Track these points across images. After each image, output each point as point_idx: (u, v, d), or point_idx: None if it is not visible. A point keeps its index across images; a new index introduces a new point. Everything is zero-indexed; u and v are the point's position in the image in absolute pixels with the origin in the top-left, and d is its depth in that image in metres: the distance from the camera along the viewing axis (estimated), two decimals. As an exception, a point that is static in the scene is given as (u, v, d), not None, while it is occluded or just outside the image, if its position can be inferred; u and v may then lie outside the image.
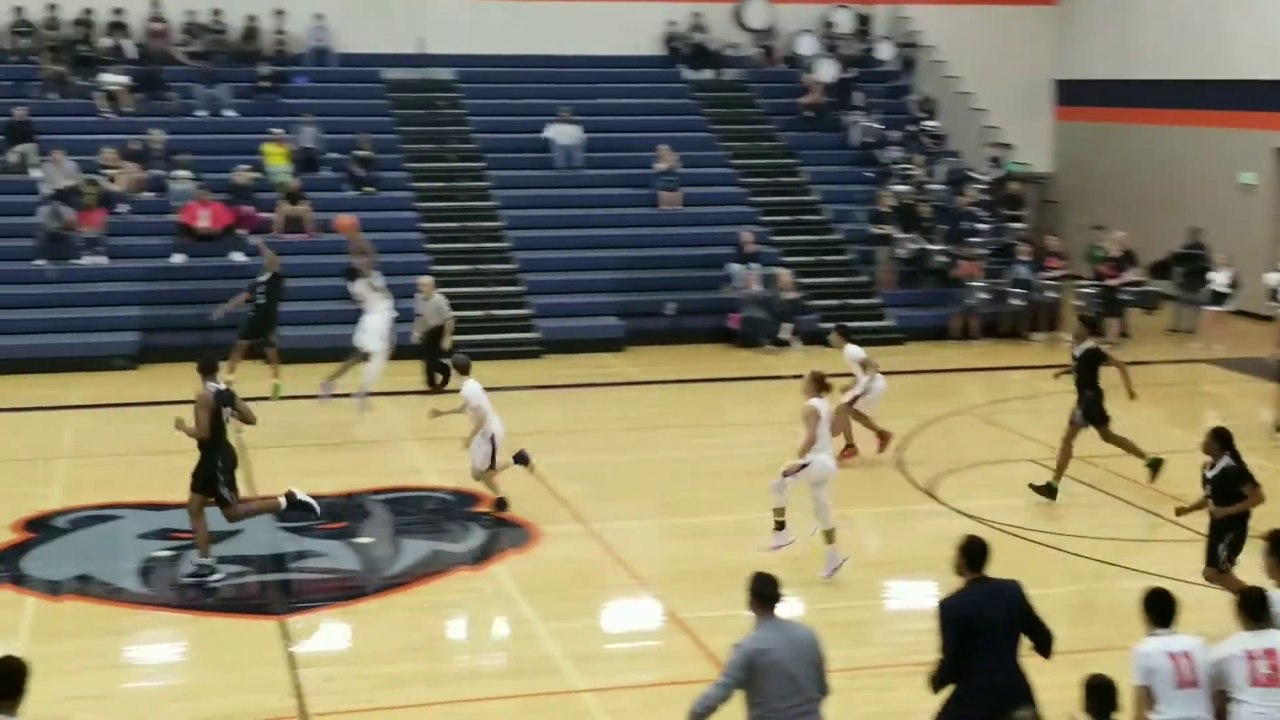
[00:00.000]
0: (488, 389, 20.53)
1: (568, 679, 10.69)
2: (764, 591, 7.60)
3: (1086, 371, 15.31)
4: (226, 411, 12.74)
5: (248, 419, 13.13)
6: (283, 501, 12.99)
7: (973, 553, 7.94)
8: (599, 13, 29.63)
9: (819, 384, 12.85)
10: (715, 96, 29.31)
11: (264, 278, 19.82)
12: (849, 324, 17.94)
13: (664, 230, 25.95)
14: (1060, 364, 16.85)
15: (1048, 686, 7.82)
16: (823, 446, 12.74)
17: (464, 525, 14.52)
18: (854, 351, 16.74)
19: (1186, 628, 7.73)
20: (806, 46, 30.14)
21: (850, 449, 16.64)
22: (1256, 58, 26.39)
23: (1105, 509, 15.14)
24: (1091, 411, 15.30)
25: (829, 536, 12.72)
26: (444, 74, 28.53)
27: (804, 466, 12.61)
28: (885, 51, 30.64)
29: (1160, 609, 7.65)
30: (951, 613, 7.81)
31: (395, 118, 27.54)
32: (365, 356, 18.69)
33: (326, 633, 11.95)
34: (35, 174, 24.59)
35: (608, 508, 15.07)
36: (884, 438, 16.85)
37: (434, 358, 20.68)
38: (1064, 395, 18.25)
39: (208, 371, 12.83)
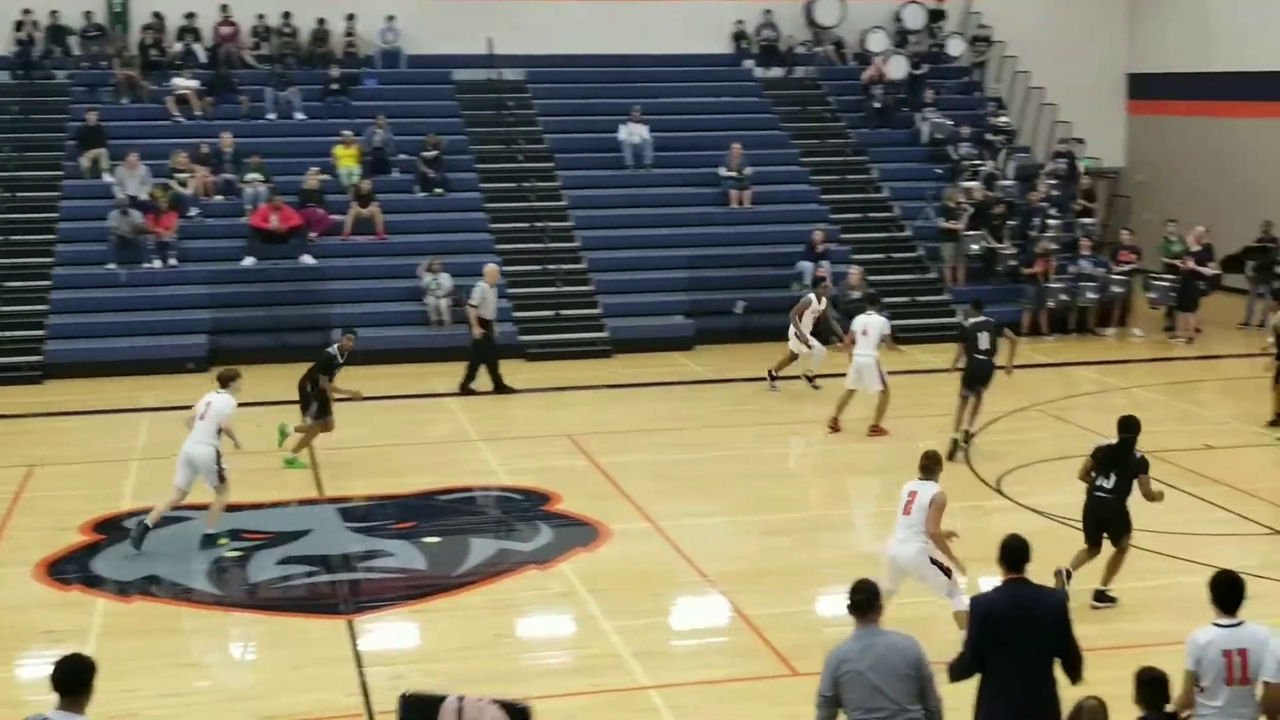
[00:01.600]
0: (557, 389, 20.82)
1: (633, 676, 10.73)
2: (855, 599, 7.51)
3: None
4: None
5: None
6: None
7: (1008, 552, 7.86)
8: (668, 11, 29.67)
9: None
10: (785, 94, 29.24)
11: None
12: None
13: (733, 229, 25.93)
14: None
15: (1106, 680, 7.74)
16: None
17: (532, 525, 14.60)
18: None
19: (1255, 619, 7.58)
20: (877, 43, 29.98)
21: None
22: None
23: (1177, 505, 14.93)
24: None
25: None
26: (513, 74, 28.66)
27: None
28: (956, 47, 30.42)
29: (1224, 593, 7.51)
30: (978, 608, 7.81)
31: (465, 119, 27.71)
32: None
33: (394, 632, 12.06)
34: (108, 179, 24.97)
35: (676, 506, 15.09)
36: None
37: (495, 354, 20.66)
38: (1133, 391, 18.11)
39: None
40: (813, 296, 20.06)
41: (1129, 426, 11.92)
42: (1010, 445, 17.47)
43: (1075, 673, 7.69)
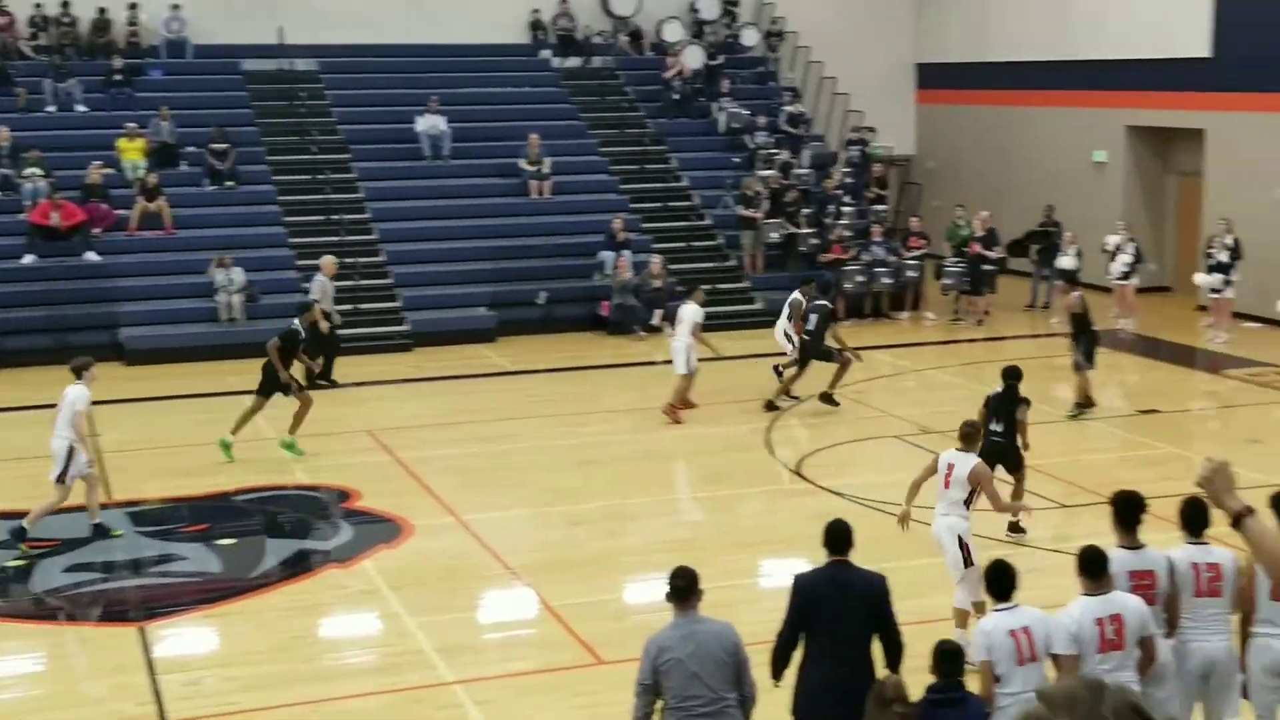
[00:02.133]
0: (356, 384, 20.48)
1: (437, 672, 10.57)
2: (675, 585, 7.44)
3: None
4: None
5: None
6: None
7: (831, 535, 7.96)
8: (463, 1, 29.40)
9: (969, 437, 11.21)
10: (583, 85, 29.24)
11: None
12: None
13: (534, 219, 25.84)
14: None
15: (908, 655, 7.87)
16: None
17: (332, 523, 14.31)
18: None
19: (1071, 593, 7.78)
20: (673, 33, 30.17)
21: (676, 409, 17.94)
22: (1106, 38, 26.98)
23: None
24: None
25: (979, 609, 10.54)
26: (305, 64, 28.06)
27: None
28: (750, 37, 30.79)
29: (998, 583, 7.72)
30: (795, 588, 7.87)
31: (255, 110, 27.05)
32: None
33: (189, 638, 11.66)
34: (-124, 174, 23.72)
35: (481, 499, 14.96)
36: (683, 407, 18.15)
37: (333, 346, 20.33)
38: (927, 374, 18.57)
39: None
40: (800, 298, 19.40)
41: (1012, 374, 13.44)
42: (809, 429, 17.77)
43: (894, 657, 7.78)
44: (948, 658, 7.20)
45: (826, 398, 18.39)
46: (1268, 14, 23.20)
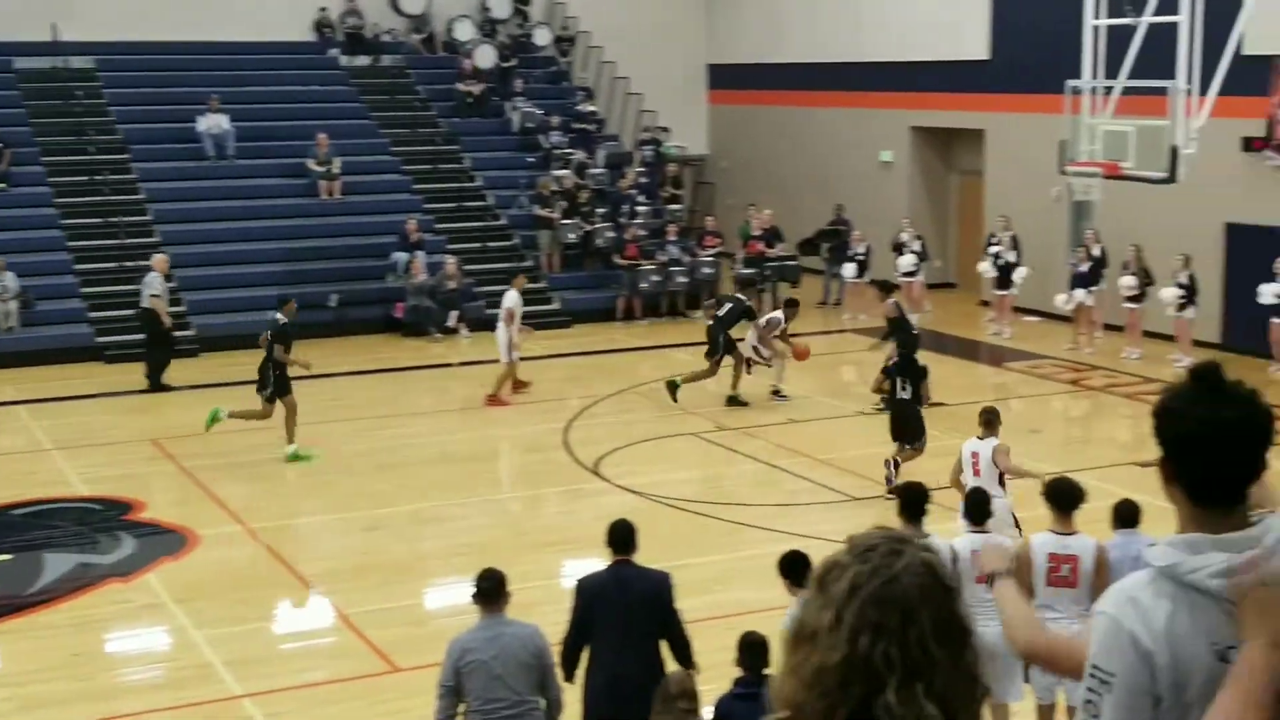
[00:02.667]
0: (139, 391, 19.79)
1: (226, 686, 10.22)
2: (481, 588, 7.34)
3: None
4: None
5: None
6: None
7: (614, 535, 7.94)
8: (246, -3, 28.71)
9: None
10: (373, 83, 28.78)
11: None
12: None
13: (325, 220, 25.32)
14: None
15: (703, 650, 7.88)
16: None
17: (113, 535, 13.75)
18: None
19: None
20: (464, 32, 29.91)
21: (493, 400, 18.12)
22: (890, 40, 27.63)
23: (769, 477, 15.54)
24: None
25: None
26: (81, 62, 27.01)
27: None
28: (543, 37, 30.70)
29: (796, 571, 7.80)
30: (578, 588, 7.89)
31: (29, 109, 25.93)
32: None
33: (-41, 658, 11.09)
34: None
35: (273, 507, 14.59)
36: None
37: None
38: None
39: None
40: (780, 316, 18.96)
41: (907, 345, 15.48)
42: (607, 428, 17.75)
43: (682, 654, 7.76)
44: (754, 650, 7.22)
45: (733, 400, 18.45)
46: (1041, 17, 24.03)
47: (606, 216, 26.11)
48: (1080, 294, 21.62)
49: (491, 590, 7.32)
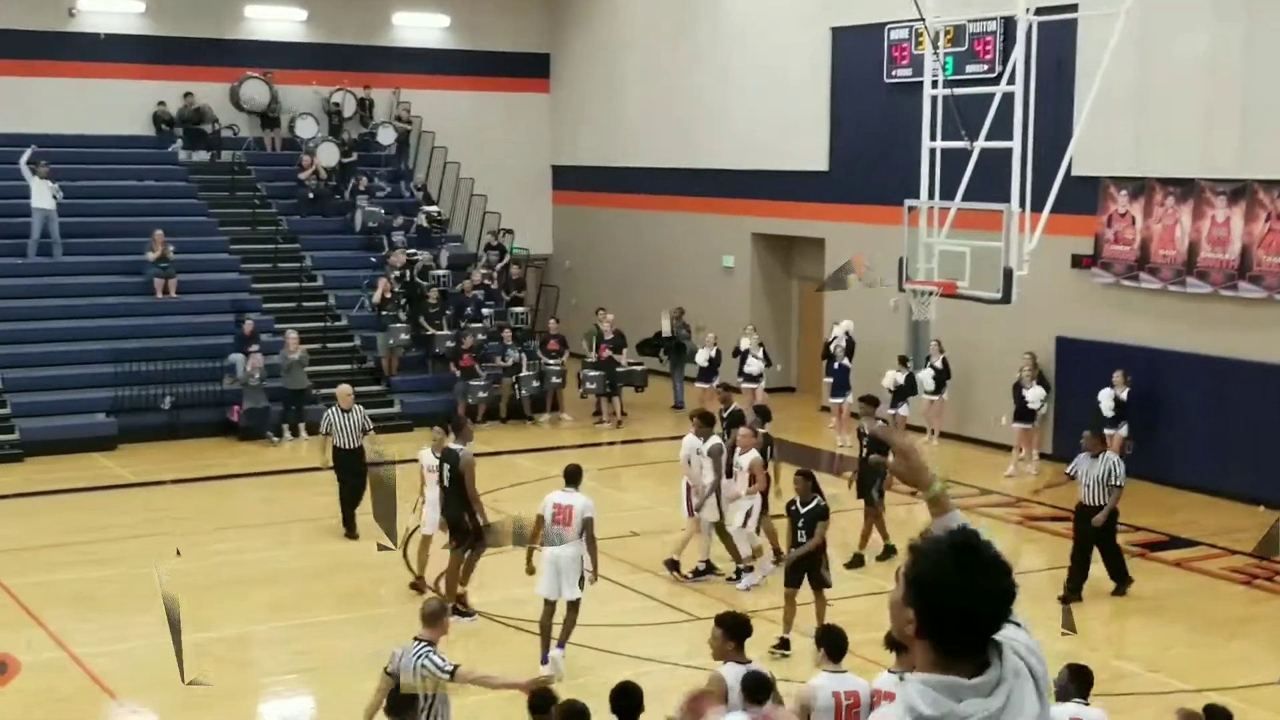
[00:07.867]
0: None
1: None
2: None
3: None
4: None
5: None
6: None
7: None
8: (82, 89, 28.09)
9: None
10: (213, 179, 28.30)
11: None
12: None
13: (158, 320, 24.69)
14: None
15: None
16: None
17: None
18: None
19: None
20: (307, 129, 29.60)
21: None
22: (733, 150, 28.06)
23: (609, 594, 15.38)
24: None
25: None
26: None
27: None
28: (387, 135, 30.53)
29: (623, 703, 7.92)
30: None
31: None
32: None
33: None
34: None
35: (97, 630, 13.99)
36: None
37: None
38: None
39: None
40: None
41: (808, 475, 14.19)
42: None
43: None
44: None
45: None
46: (878, 133, 24.63)
47: (451, 319, 25.91)
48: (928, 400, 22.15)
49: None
